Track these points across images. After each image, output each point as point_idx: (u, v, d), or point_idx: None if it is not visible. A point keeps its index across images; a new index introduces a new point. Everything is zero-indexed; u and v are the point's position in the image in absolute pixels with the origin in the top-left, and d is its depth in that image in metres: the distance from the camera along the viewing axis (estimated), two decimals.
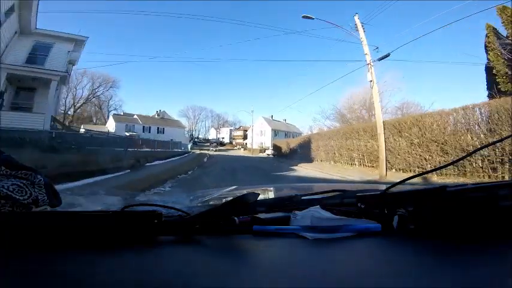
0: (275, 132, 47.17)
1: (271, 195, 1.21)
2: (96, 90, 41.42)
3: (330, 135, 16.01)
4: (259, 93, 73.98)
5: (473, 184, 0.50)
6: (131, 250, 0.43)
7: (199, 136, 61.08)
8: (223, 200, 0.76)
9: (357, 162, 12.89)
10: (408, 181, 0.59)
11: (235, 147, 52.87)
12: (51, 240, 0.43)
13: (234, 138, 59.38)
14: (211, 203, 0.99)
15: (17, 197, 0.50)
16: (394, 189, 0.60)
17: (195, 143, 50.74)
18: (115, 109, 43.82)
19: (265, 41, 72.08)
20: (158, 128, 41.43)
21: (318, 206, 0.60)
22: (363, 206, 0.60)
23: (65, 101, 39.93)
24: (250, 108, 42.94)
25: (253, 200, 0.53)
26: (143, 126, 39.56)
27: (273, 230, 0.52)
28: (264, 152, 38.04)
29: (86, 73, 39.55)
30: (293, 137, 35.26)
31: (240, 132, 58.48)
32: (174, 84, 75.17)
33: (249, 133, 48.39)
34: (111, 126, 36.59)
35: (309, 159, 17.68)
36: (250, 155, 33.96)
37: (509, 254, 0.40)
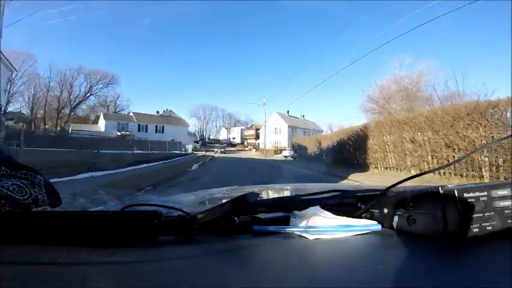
0: (292, 130, 40.54)
1: (271, 195, 1.22)
2: (94, 88, 37.31)
3: (412, 123, 8.55)
4: (273, 88, 67.64)
5: (473, 184, 0.50)
6: (131, 250, 0.43)
7: (210, 137, 57.60)
8: (223, 200, 0.72)
9: (487, 174, 6.11)
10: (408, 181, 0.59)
11: (247, 148, 47.49)
12: (51, 240, 0.43)
13: (245, 138, 54.23)
14: (211, 203, 1.01)
15: (17, 197, 0.50)
16: (394, 189, 0.59)
17: (204, 144, 47.38)
18: (122, 109, 42.20)
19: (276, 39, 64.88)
20: (157, 126, 36.59)
21: (318, 206, 0.60)
22: (363, 206, 0.60)
23: (59, 98, 35.58)
24: (262, 101, 35.77)
25: (253, 200, 0.53)
26: (139, 125, 34.88)
27: (273, 230, 0.52)
28: (280, 153, 30.78)
29: (81, 69, 35.39)
30: (314, 135, 28.22)
31: (252, 132, 53.09)
32: (183, 84, 71.30)
33: (261, 131, 41.90)
34: (102, 125, 32.01)
35: (360, 166, 10.99)
36: (263, 158, 26.66)
37: (509, 254, 0.41)
